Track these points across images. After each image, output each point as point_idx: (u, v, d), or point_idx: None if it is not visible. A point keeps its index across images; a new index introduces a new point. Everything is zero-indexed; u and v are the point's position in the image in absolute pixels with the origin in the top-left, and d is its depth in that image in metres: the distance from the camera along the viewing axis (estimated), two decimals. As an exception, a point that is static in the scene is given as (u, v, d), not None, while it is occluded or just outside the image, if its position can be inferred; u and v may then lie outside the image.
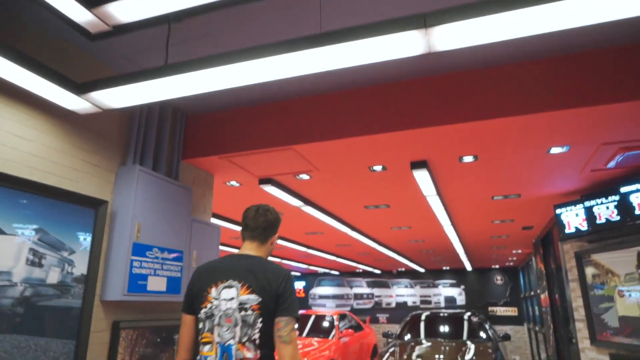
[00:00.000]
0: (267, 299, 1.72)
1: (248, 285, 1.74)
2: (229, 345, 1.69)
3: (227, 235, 6.60)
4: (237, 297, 1.74)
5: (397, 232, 6.31)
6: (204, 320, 1.75)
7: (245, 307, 1.72)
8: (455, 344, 7.80)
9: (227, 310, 1.73)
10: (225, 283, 1.77)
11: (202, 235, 3.25)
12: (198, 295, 1.80)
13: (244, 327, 1.70)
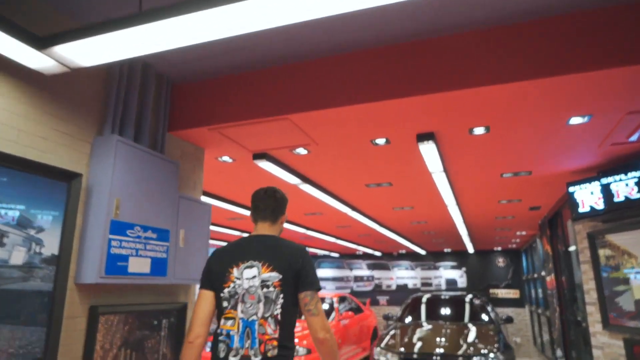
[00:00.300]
0: (287, 275, 1.84)
1: (268, 264, 1.86)
2: (253, 320, 1.79)
3: (222, 215, 6.37)
4: (258, 276, 1.85)
5: (399, 212, 6.08)
6: (227, 298, 1.85)
7: (267, 284, 1.83)
8: (457, 326, 7.65)
9: (250, 288, 1.84)
10: (246, 263, 1.88)
11: (191, 214, 3.01)
12: (220, 276, 1.90)
13: (267, 304, 1.81)
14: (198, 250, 3.04)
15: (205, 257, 3.10)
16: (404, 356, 6.52)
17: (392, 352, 6.67)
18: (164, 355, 2.75)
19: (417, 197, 5.09)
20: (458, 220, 6.44)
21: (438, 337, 7.07)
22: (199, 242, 3.06)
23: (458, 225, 7.06)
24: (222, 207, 5.58)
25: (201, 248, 3.08)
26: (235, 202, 5.44)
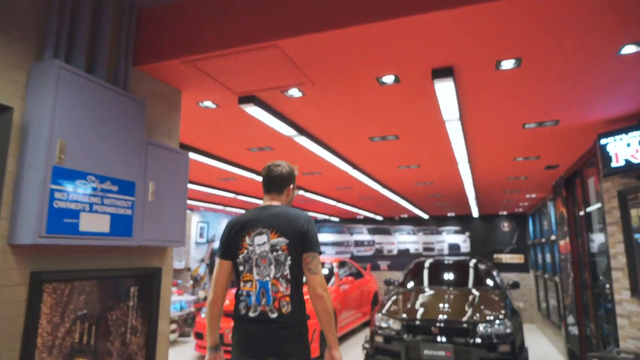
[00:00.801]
0: (293, 240, 2.08)
1: (276, 231, 2.10)
2: (266, 281, 2.05)
3: (212, 175, 5.91)
4: (268, 242, 2.10)
5: (404, 172, 5.62)
6: (243, 263, 2.13)
7: (276, 249, 2.08)
8: (461, 292, 7.34)
9: (262, 253, 2.09)
10: (256, 231, 2.13)
11: (163, 164, 2.54)
12: (235, 244, 2.16)
13: (277, 266, 2.06)
14: (173, 207, 2.59)
15: (183, 215, 2.65)
16: (406, 322, 6.22)
17: (394, 318, 6.37)
18: (134, 328, 2.35)
19: (425, 153, 4.61)
20: (467, 181, 5.99)
21: (441, 303, 6.76)
22: (175, 198, 2.61)
23: (466, 187, 6.62)
24: (211, 165, 5.11)
25: (177, 205, 2.62)
26: (225, 160, 4.97)
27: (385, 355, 6.22)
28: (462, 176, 5.76)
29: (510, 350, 5.75)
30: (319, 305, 2.04)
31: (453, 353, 5.79)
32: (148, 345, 2.42)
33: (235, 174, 5.64)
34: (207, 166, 5.16)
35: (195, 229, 10.59)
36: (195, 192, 7.60)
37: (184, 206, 2.68)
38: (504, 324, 5.95)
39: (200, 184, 6.66)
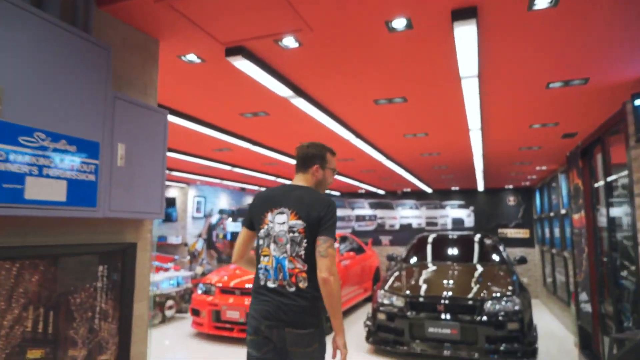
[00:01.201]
0: (310, 224, 2.17)
1: (296, 213, 2.20)
2: (283, 257, 2.18)
3: (207, 146, 5.54)
4: (287, 222, 2.21)
5: (410, 141, 5.24)
6: (263, 237, 2.26)
7: (293, 230, 2.19)
8: (467, 267, 7.07)
9: (280, 232, 2.21)
10: (278, 210, 2.24)
11: (136, 124, 2.17)
12: (258, 218, 2.30)
13: (293, 245, 2.18)
14: (150, 174, 2.23)
15: (161, 183, 2.30)
16: (409, 299, 5.96)
17: (397, 295, 6.11)
18: (104, 312, 2.03)
19: (434, 119, 4.23)
20: (476, 151, 5.61)
21: (446, 279, 6.50)
22: (151, 163, 2.25)
23: (474, 159, 6.25)
24: (203, 133, 4.73)
25: (154, 171, 2.27)
26: (217, 127, 4.59)
27: (388, 332, 5.99)
28: (471, 146, 5.39)
29: (518, 327, 5.50)
30: (325, 289, 2.09)
31: (459, 331, 5.55)
32: (122, 331, 2.11)
33: (230, 144, 5.27)
34: (199, 135, 4.78)
35: (192, 203, 10.29)
36: (190, 165, 7.24)
37: (163, 173, 2.32)
38: (512, 301, 5.69)
39: (194, 156, 6.30)
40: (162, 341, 6.96)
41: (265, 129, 4.66)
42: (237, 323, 6.56)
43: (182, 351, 6.37)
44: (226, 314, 6.59)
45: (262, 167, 7.61)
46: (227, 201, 11.77)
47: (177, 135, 4.92)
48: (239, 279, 7.01)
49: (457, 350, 5.49)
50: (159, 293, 7.79)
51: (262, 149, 5.59)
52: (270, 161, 6.81)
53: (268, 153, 5.85)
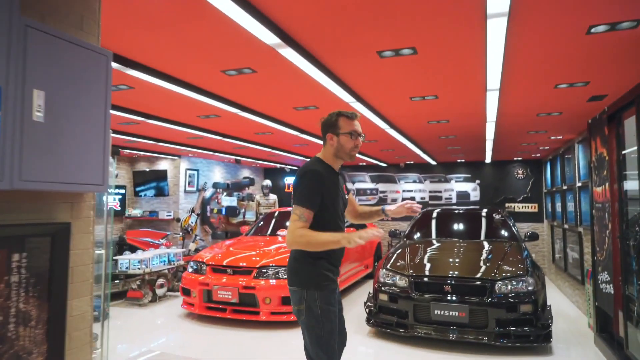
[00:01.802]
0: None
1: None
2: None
3: (191, 112, 4.96)
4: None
5: (417, 105, 4.67)
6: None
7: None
8: (475, 244, 6.60)
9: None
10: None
11: (63, 66, 1.62)
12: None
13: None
14: (84, 133, 1.70)
15: (103, 145, 1.77)
16: (414, 279, 5.52)
17: (400, 274, 5.66)
18: (23, 314, 1.54)
19: (447, 77, 3.66)
20: (490, 117, 5.05)
21: (453, 257, 6.03)
22: (86, 119, 1.71)
23: (487, 127, 5.69)
24: (184, 95, 4.17)
25: (92, 130, 1.73)
26: (199, 89, 4.02)
27: (391, 314, 5.57)
28: (485, 112, 4.83)
29: (532, 310, 5.07)
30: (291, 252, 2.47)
31: (467, 314, 5.12)
32: (52, 337, 1.62)
33: (215, 108, 4.71)
34: (179, 98, 4.22)
35: (183, 176, 9.79)
36: (178, 134, 6.70)
37: (105, 133, 1.79)
38: (525, 281, 5.24)
39: (178, 124, 5.74)
40: (153, 320, 6.59)
41: (252, 90, 4.10)
42: (229, 304, 6.16)
43: (171, 333, 5.99)
44: (218, 294, 6.18)
45: (256, 138, 7.06)
46: (222, 174, 11.27)
47: (155, 98, 4.36)
48: (232, 256, 6.58)
49: (464, 335, 5.08)
50: (148, 271, 7.38)
51: (253, 116, 5.03)
52: (263, 130, 6.26)
53: (259, 120, 5.29)
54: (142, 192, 9.87)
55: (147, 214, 9.65)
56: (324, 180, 2.34)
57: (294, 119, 5.47)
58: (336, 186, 2.45)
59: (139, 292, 7.35)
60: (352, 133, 2.39)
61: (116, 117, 5.11)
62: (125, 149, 8.15)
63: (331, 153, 2.44)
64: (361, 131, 2.45)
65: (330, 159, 2.47)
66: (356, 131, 2.41)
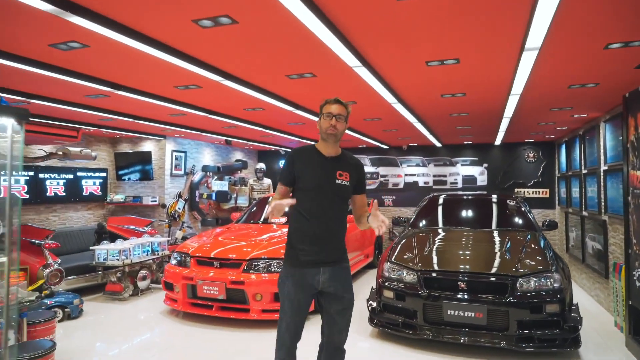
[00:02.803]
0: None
1: None
2: None
3: (168, 81, 4.21)
4: None
5: (433, 72, 3.94)
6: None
7: None
8: (491, 235, 5.93)
9: None
10: None
11: None
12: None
13: None
14: None
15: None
16: (422, 274, 4.87)
17: (407, 268, 5.00)
18: None
19: (476, 30, 2.93)
20: (517, 86, 4.33)
21: (467, 249, 5.35)
22: None
23: (509, 102, 4.97)
24: (156, 57, 3.42)
25: None
26: (168, 47, 3.28)
27: (397, 314, 4.93)
28: (513, 81, 4.11)
29: (559, 310, 4.44)
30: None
31: (485, 315, 4.48)
32: None
33: (194, 75, 3.97)
34: (149, 61, 3.47)
35: (169, 158, 9.06)
36: (157, 110, 5.95)
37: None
38: (550, 277, 4.59)
39: (156, 97, 4.99)
40: (134, 316, 5.95)
41: (233, 49, 3.36)
42: (216, 300, 5.51)
43: (152, 331, 5.36)
44: (203, 289, 5.53)
45: (246, 115, 6.32)
46: (212, 157, 10.53)
47: (118, 61, 3.62)
48: (220, 247, 5.91)
49: (480, 338, 4.46)
50: (128, 262, 6.71)
51: (238, 85, 4.29)
52: (253, 105, 5.52)
53: (247, 91, 4.55)
54: (126, 176, 9.15)
55: (130, 200, 8.94)
56: (295, 160, 2.66)
57: (286, 91, 4.73)
58: (318, 168, 2.63)
59: (119, 286, 6.70)
60: (325, 114, 2.60)
61: (79, 87, 4.36)
62: (103, 128, 7.39)
63: (320, 136, 2.67)
64: (338, 113, 2.60)
65: (320, 142, 2.71)
66: (331, 112, 2.58)
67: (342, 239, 2.67)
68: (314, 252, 2.57)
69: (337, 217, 2.65)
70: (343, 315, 2.64)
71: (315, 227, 2.57)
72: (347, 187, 2.66)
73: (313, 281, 2.58)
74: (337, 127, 2.58)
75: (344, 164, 2.68)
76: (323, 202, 2.59)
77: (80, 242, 7.76)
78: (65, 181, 8.00)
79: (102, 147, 9.00)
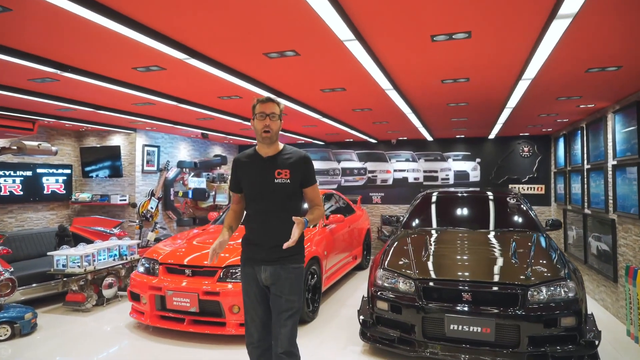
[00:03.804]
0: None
1: None
2: None
3: (123, 59, 3.53)
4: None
5: (438, 50, 3.35)
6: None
7: None
8: (493, 236, 5.43)
9: None
10: None
11: None
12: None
13: None
14: None
15: None
16: (421, 283, 4.31)
17: (403, 276, 4.43)
18: None
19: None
20: (532, 69, 3.77)
21: (469, 254, 4.77)
22: None
23: (520, 84, 4.40)
24: (99, 25, 2.75)
25: None
26: (119, 14, 2.61)
27: (392, 327, 4.36)
28: (529, 62, 3.54)
29: (575, 323, 3.93)
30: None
31: (493, 330, 3.95)
32: None
33: (153, 51, 3.30)
34: (94, 31, 2.80)
35: (140, 153, 8.32)
36: (119, 97, 5.23)
37: None
38: (565, 286, 4.07)
39: (115, 82, 4.29)
40: (96, 330, 5.28)
41: (198, 19, 2.72)
42: (187, 313, 4.87)
43: (115, 347, 4.69)
44: (172, 301, 4.88)
45: (221, 104, 5.66)
46: (189, 152, 9.82)
47: (56, 30, 2.94)
48: (195, 252, 5.26)
49: (486, 356, 3.92)
50: (91, 269, 6.02)
51: (208, 66, 3.64)
52: (228, 92, 4.87)
53: (219, 74, 3.90)
54: (93, 173, 8.39)
55: (97, 199, 8.19)
56: (237, 166, 2.79)
57: (265, 73, 4.09)
58: (255, 170, 2.70)
59: (81, 295, 5.99)
60: (255, 114, 2.63)
61: (19, 67, 3.65)
62: (63, 119, 6.63)
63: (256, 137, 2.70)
64: (271, 112, 2.61)
65: (258, 144, 2.75)
66: (263, 112, 2.60)
67: (286, 238, 2.54)
68: (255, 251, 2.73)
69: (279, 217, 2.64)
70: (282, 318, 2.63)
71: (256, 228, 2.72)
72: (288, 185, 2.67)
73: (259, 276, 2.72)
74: (271, 127, 2.61)
75: (283, 161, 2.70)
76: (262, 204, 2.68)
77: (39, 247, 7.00)
78: (22, 179, 7.22)
79: (66, 141, 8.22)
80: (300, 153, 2.77)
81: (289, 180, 2.66)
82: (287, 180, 2.66)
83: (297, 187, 2.71)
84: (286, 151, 2.75)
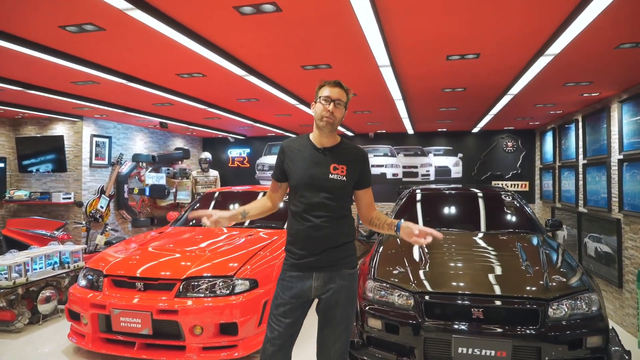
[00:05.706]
0: None
1: None
2: None
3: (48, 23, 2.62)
4: None
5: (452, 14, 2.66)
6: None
7: None
8: (497, 240, 4.72)
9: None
10: None
11: None
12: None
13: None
14: None
15: None
16: (421, 298, 3.61)
17: (399, 288, 3.72)
18: None
19: None
20: (560, 42, 3.13)
21: (474, 261, 4.10)
22: None
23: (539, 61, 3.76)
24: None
25: None
26: None
27: (387, 350, 3.65)
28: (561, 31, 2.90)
29: (602, 342, 3.35)
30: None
31: (510, 354, 3.31)
32: None
33: (87, 1, 2.43)
34: None
35: (88, 145, 7.28)
36: (51, 70, 4.27)
37: None
38: (587, 299, 3.48)
39: (40, 48, 3.36)
40: (28, 355, 4.33)
41: None
42: (139, 335, 4.01)
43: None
44: (120, 321, 4.00)
45: (181, 84, 4.78)
46: (146, 144, 8.80)
47: None
48: (152, 261, 4.38)
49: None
50: (22, 281, 5.02)
51: (158, 22, 2.80)
52: (190, 68, 4.01)
53: (175, 36, 3.06)
54: (33, 167, 7.29)
55: (37, 197, 7.10)
56: (285, 153, 2.46)
57: (235, 40, 3.27)
58: (308, 161, 2.39)
59: (9, 313, 4.98)
60: (320, 98, 2.33)
61: None
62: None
63: (314, 124, 2.40)
64: (337, 98, 2.29)
65: (314, 132, 2.43)
66: (329, 96, 2.29)
67: (341, 241, 2.36)
68: (305, 256, 2.38)
69: (332, 217, 2.34)
70: (337, 331, 2.37)
71: (304, 230, 2.36)
72: (343, 183, 2.35)
73: (304, 287, 2.37)
74: (334, 114, 2.30)
75: (341, 155, 2.39)
76: (313, 201, 2.34)
77: (-38, 254, 5.90)
78: (-59, 173, 6.09)
79: (-2, 130, 7.09)
80: (359, 149, 2.48)
81: (345, 178, 2.36)
82: (342, 177, 2.36)
83: (351, 186, 2.41)
84: (344, 145, 2.45)
